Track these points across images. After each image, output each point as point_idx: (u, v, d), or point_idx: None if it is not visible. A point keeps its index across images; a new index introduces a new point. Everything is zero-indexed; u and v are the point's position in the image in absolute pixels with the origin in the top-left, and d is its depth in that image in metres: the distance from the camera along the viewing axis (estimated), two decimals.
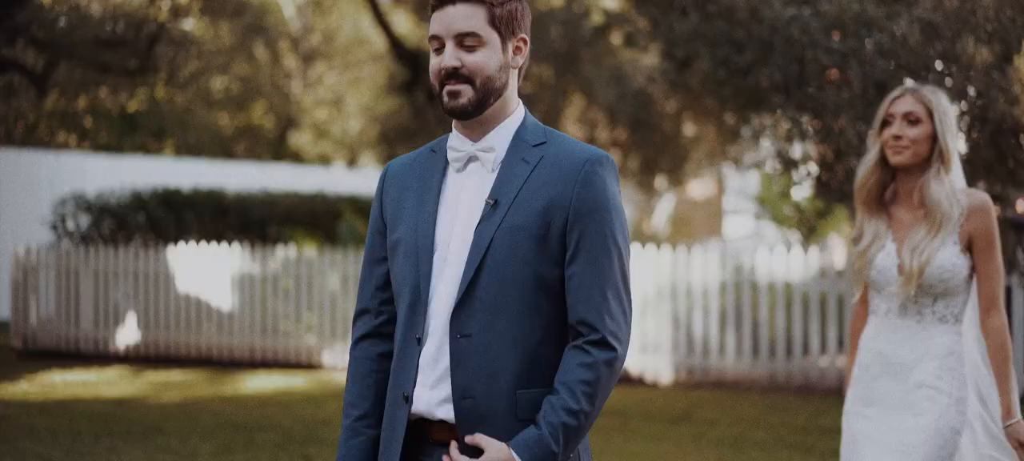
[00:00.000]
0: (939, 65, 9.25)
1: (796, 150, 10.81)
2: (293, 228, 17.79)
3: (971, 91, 9.19)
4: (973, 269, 4.67)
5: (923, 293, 4.63)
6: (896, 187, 4.80)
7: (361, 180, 25.44)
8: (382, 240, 3.38)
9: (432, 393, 3.20)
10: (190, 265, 15.08)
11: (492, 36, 3.19)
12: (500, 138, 3.26)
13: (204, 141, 28.79)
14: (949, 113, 4.71)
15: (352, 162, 32.16)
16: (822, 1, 9.48)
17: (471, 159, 3.27)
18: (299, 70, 30.94)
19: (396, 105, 23.93)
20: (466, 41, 3.17)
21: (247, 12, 24.99)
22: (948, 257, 4.59)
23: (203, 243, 15.91)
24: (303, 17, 30.35)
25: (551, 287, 3.18)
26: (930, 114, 4.67)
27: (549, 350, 3.19)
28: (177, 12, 18.79)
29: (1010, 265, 11.22)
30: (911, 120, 4.67)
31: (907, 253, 4.63)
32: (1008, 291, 11.63)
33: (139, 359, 15.19)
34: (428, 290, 3.22)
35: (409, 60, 20.25)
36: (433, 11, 3.22)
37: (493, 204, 3.18)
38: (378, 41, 27.88)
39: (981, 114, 9.11)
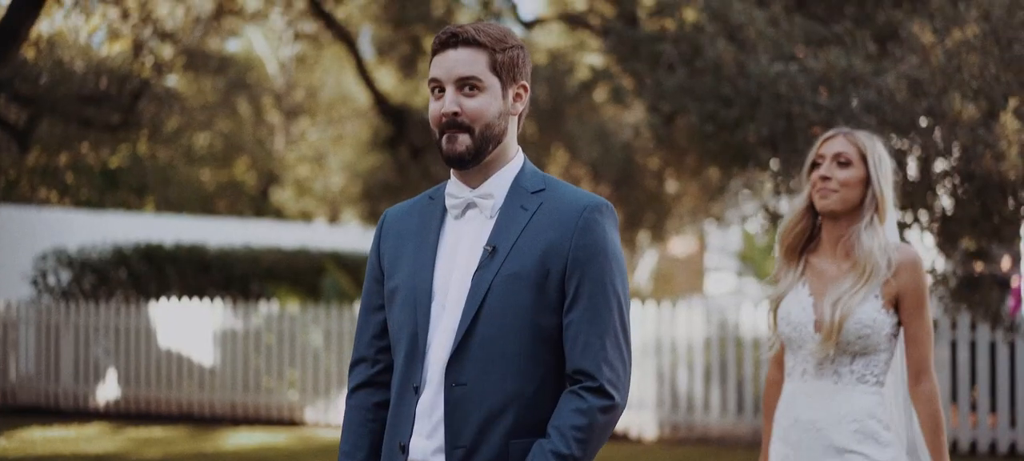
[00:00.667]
0: (925, 121, 9.29)
1: (783, 205, 10.82)
2: (275, 284, 17.70)
3: (957, 147, 9.22)
4: (897, 327, 4.31)
5: (840, 351, 4.26)
6: (820, 235, 4.43)
7: (344, 236, 25.37)
8: (379, 288, 3.35)
9: (428, 442, 3.17)
10: (171, 321, 14.99)
11: (493, 82, 3.17)
12: (499, 185, 3.23)
13: (186, 197, 28.73)
14: (885, 159, 4.34)
15: (334, 219, 32.12)
16: (809, 57, 9.52)
17: (469, 206, 3.24)
18: (282, 126, 30.95)
19: (379, 161, 23.93)
20: (467, 86, 3.16)
21: (230, 68, 25.00)
22: (868, 312, 4.22)
23: (185, 299, 15.83)
24: (286, 73, 30.39)
25: (549, 335, 3.14)
26: (863, 158, 4.31)
27: (545, 400, 3.15)
28: (160, 68, 18.76)
29: (994, 320, 11.24)
30: (841, 162, 4.30)
31: (827, 307, 4.25)
32: (992, 346, 11.63)
33: (119, 415, 15.05)
34: (425, 338, 3.18)
35: (393, 116, 20.26)
36: (434, 54, 3.20)
37: (491, 251, 3.15)
38: (361, 97, 27.91)
39: (967, 170, 9.14)
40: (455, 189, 3.26)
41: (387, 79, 24.70)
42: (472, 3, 19.70)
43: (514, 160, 3.27)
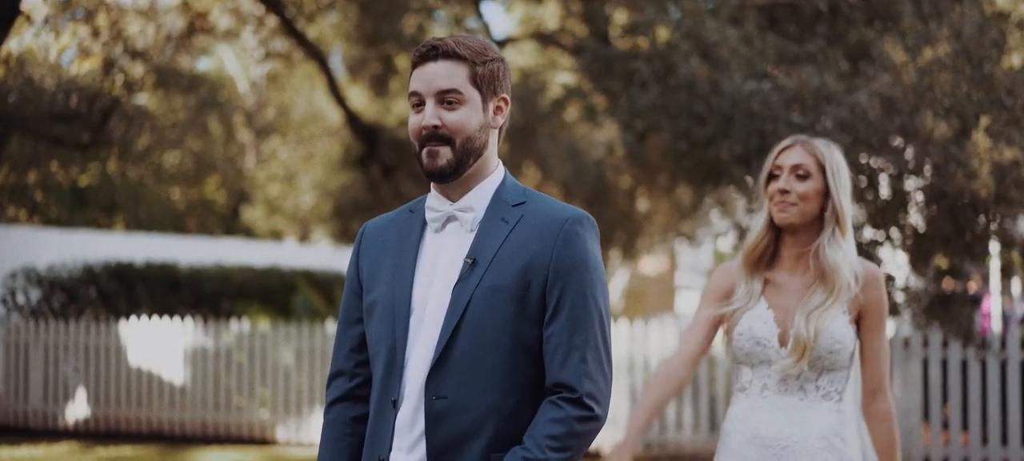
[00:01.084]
0: (898, 139, 9.32)
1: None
2: (246, 302, 17.61)
3: (929, 165, 9.26)
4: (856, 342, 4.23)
5: (809, 367, 4.14)
6: (780, 248, 4.29)
7: (315, 254, 25.31)
8: (358, 301, 3.32)
9: (408, 457, 3.15)
10: (142, 339, 14.89)
11: (473, 94, 3.15)
12: (479, 198, 3.21)
13: (156, 216, 28.58)
14: (843, 169, 4.22)
15: (304, 237, 32.03)
16: (782, 75, 9.54)
17: (449, 219, 3.22)
18: (253, 145, 30.85)
19: (350, 180, 23.89)
20: (447, 99, 3.14)
21: (201, 87, 24.91)
22: (839, 328, 4.12)
23: (155, 317, 15.74)
24: (257, 92, 30.30)
25: (530, 348, 3.13)
26: (822, 168, 4.17)
27: (525, 413, 3.13)
28: (131, 87, 18.66)
29: (966, 338, 11.27)
30: (800, 174, 4.17)
31: (801, 321, 4.12)
32: (964, 364, 11.68)
33: (89, 435, 14.94)
34: (404, 352, 3.16)
35: (365, 134, 20.22)
36: (414, 68, 3.18)
37: (471, 263, 3.13)
38: (333, 116, 27.86)
39: (939, 188, 9.17)
40: (435, 202, 3.24)
41: (359, 97, 24.67)
42: (444, 22, 19.71)
43: (495, 173, 3.25)
